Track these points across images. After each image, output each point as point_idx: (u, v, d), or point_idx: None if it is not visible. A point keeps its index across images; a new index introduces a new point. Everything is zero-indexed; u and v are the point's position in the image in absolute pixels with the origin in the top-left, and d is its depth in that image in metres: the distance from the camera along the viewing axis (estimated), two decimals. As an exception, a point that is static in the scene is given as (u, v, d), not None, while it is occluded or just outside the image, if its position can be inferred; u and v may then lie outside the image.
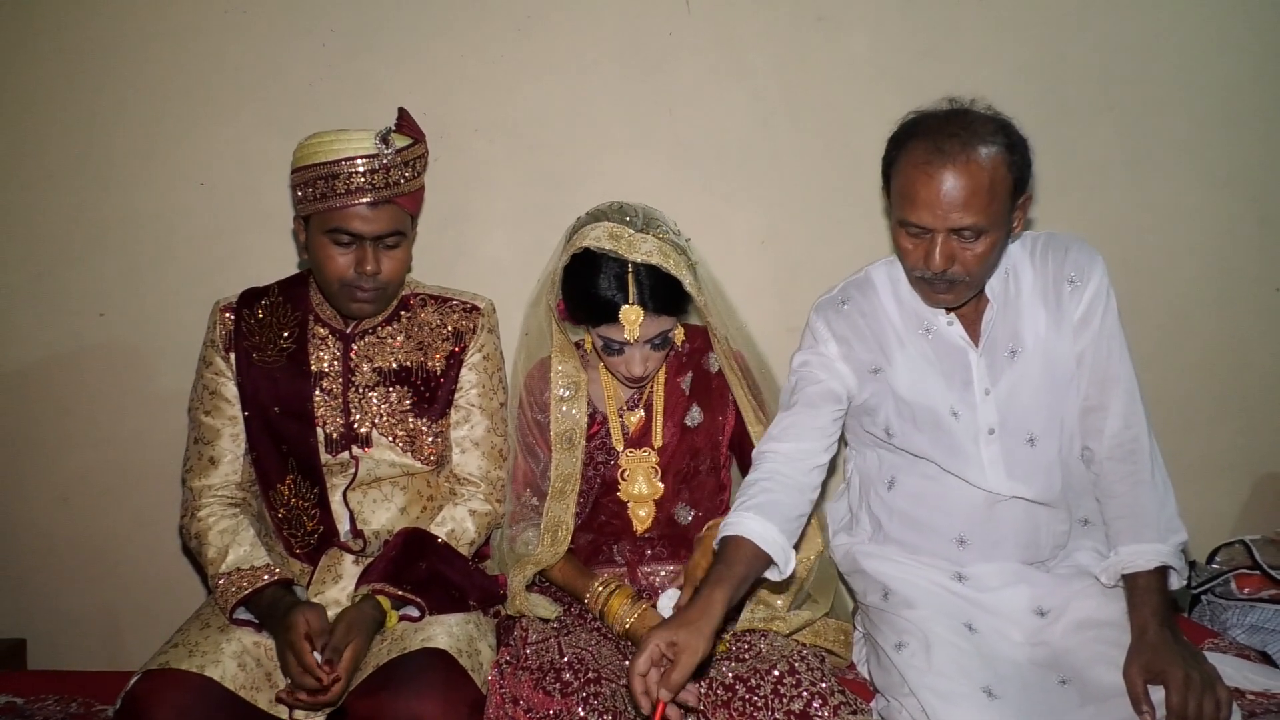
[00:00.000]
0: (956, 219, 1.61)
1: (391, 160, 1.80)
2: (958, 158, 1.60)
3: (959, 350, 1.80)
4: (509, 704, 1.71)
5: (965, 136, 1.62)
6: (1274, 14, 2.47)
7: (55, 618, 2.49)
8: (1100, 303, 1.78)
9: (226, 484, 1.90)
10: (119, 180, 2.38)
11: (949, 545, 1.83)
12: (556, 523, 1.94)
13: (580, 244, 1.83)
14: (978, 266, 1.66)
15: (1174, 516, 1.74)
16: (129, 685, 1.65)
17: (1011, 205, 1.66)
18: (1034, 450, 1.79)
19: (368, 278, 1.82)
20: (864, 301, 1.87)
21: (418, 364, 1.96)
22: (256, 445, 1.91)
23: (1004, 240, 1.69)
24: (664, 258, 1.80)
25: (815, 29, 2.40)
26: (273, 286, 1.99)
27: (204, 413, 1.92)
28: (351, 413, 1.91)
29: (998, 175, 1.62)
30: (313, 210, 1.81)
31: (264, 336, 1.93)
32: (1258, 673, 1.83)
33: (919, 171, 1.62)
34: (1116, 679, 1.63)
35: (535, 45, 2.39)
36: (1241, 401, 2.57)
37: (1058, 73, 2.45)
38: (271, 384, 1.90)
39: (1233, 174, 2.50)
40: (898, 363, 1.83)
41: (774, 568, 1.63)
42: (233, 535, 1.84)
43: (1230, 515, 2.58)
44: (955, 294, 1.72)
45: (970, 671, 1.64)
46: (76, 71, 2.36)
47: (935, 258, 1.64)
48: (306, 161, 1.81)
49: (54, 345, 2.43)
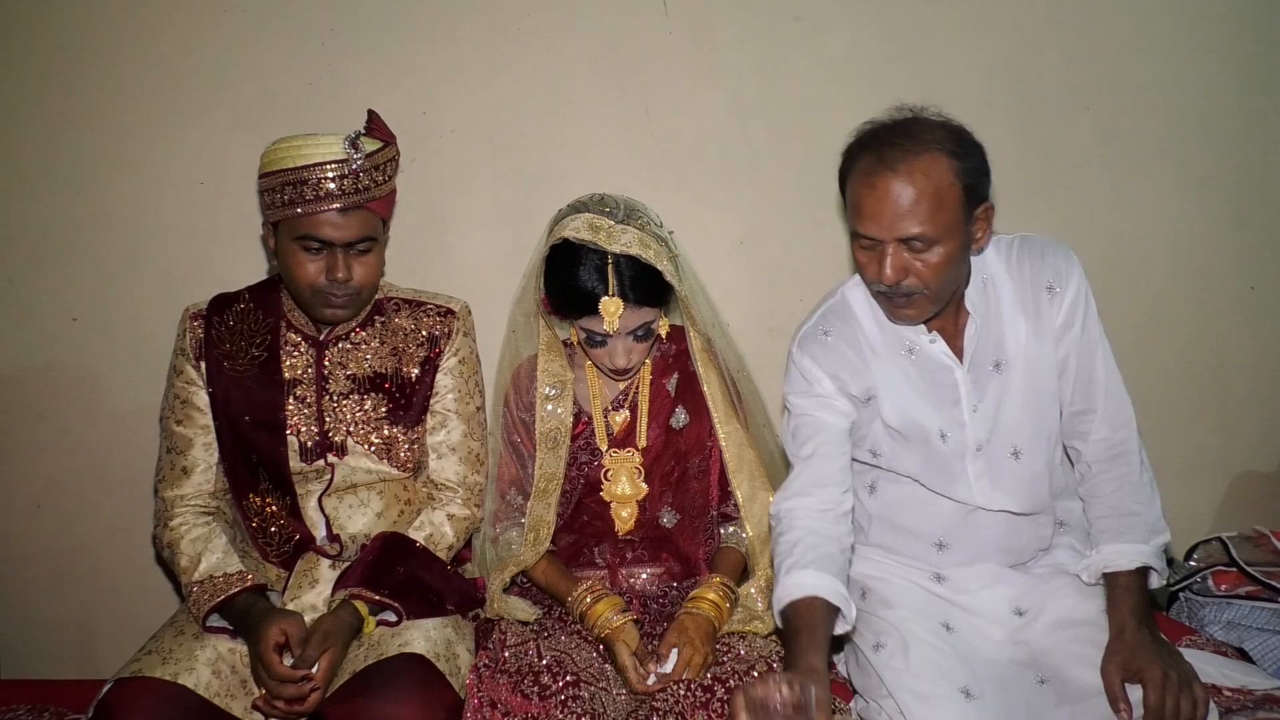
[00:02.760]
0: (903, 228, 1.57)
1: (361, 165, 1.76)
2: (899, 166, 1.57)
3: (944, 368, 1.76)
4: (487, 707, 1.70)
5: (908, 144, 1.59)
6: (1250, 16, 2.49)
7: (27, 626, 2.46)
8: (1080, 307, 1.76)
9: (199, 493, 1.88)
10: (91, 183, 2.36)
11: (929, 549, 1.83)
12: (539, 521, 1.93)
13: (560, 234, 1.82)
14: (934, 278, 1.61)
15: (1159, 518, 1.74)
16: (101, 693, 1.63)
17: (967, 214, 1.61)
18: (1019, 463, 1.77)
19: (339, 284, 1.80)
20: (845, 329, 1.81)
21: (392, 370, 1.94)
22: (228, 455, 1.88)
23: (961, 251, 1.63)
24: (644, 248, 1.79)
25: (792, 29, 2.40)
26: (243, 292, 1.96)
27: (175, 422, 1.90)
28: (326, 420, 1.89)
29: (944, 182, 1.58)
30: (281, 216, 1.78)
31: (235, 344, 1.89)
32: (1235, 669, 1.84)
33: (864, 183, 1.60)
34: (1094, 678, 1.63)
35: (513, 46, 2.38)
36: (1218, 400, 2.59)
37: (1035, 74, 2.46)
38: (243, 393, 1.87)
39: (1209, 175, 2.52)
40: (884, 388, 1.78)
41: (841, 619, 1.60)
42: (205, 543, 1.83)
43: (1207, 513, 2.60)
44: (916, 308, 1.66)
45: (948, 672, 1.64)
46: (46, 72, 2.33)
47: (887, 270, 1.60)
48: (274, 167, 1.77)
49: (25, 350, 2.40)
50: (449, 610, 1.86)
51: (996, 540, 1.80)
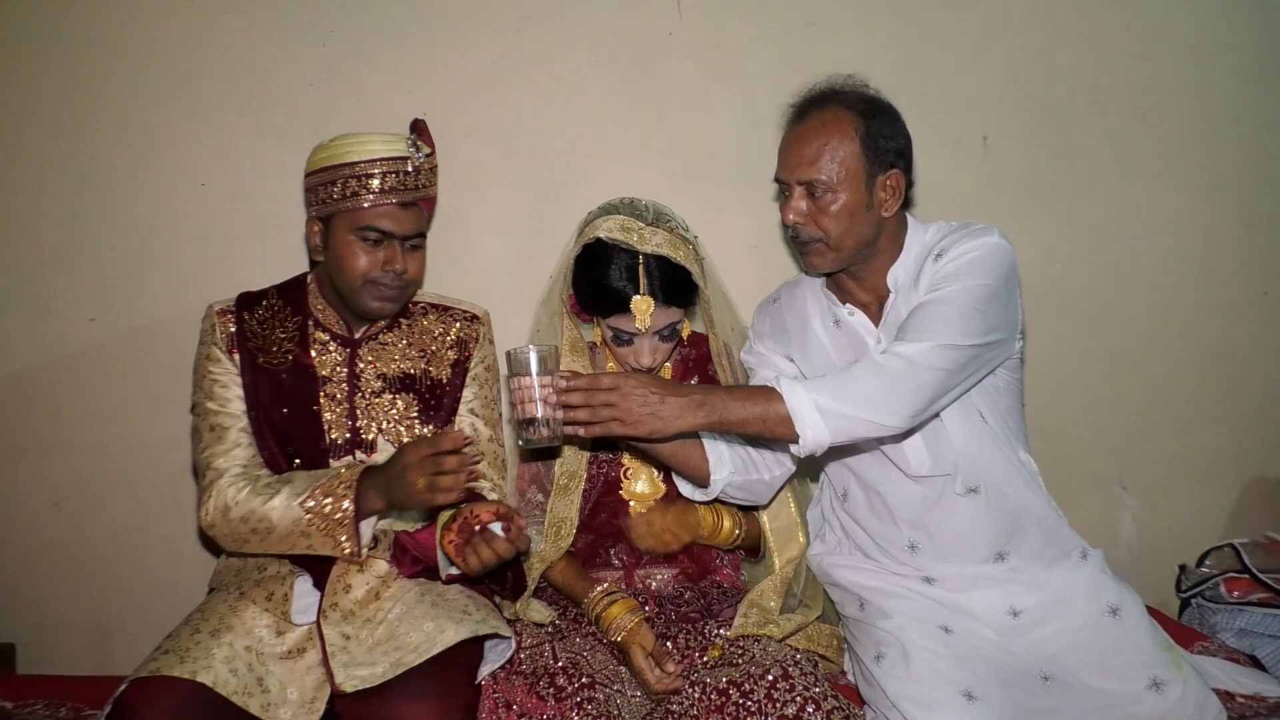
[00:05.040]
0: (802, 171, 1.74)
1: (421, 164, 1.85)
2: (808, 117, 1.78)
3: (860, 340, 1.84)
4: (502, 709, 1.71)
5: (817, 100, 1.79)
6: (1262, 21, 2.49)
7: (45, 622, 2.47)
8: (951, 270, 1.72)
9: (251, 463, 1.84)
10: (107, 185, 2.37)
11: (903, 552, 1.85)
12: (560, 519, 1.95)
13: (593, 234, 1.87)
14: (832, 227, 1.74)
15: (856, 395, 1.63)
16: (118, 692, 1.63)
17: (868, 173, 1.74)
18: (941, 421, 1.77)
19: (395, 276, 1.84)
20: (790, 299, 1.99)
21: (422, 371, 1.95)
22: (264, 446, 1.87)
23: (862, 210, 1.75)
24: (674, 249, 1.85)
25: (805, 34, 2.41)
26: (269, 290, 1.97)
27: (213, 408, 1.86)
28: (358, 418, 1.90)
29: (842, 132, 1.73)
30: (337, 209, 1.83)
31: (266, 339, 1.90)
32: (1247, 676, 1.85)
33: (784, 135, 1.82)
34: (1104, 681, 1.64)
35: (528, 50, 2.39)
36: (1230, 405, 2.59)
37: (1047, 79, 2.46)
38: (277, 386, 1.87)
39: (1221, 180, 2.52)
40: (809, 352, 1.90)
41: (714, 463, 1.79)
42: (280, 481, 1.78)
43: (1220, 519, 2.59)
44: (819, 256, 1.79)
45: (949, 676, 1.65)
46: (68, 76, 2.35)
47: (789, 213, 1.77)
48: (332, 162, 1.83)
49: (45, 350, 2.42)
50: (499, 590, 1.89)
51: (957, 531, 1.80)
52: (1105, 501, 2.58)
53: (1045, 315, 2.48)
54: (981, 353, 1.69)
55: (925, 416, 1.69)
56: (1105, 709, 1.68)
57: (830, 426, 1.61)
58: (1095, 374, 2.56)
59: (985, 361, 1.73)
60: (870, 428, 1.63)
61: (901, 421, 1.63)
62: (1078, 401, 2.56)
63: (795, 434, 1.61)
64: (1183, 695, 1.67)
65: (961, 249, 1.74)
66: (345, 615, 1.77)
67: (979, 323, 1.67)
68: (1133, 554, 2.57)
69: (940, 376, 1.64)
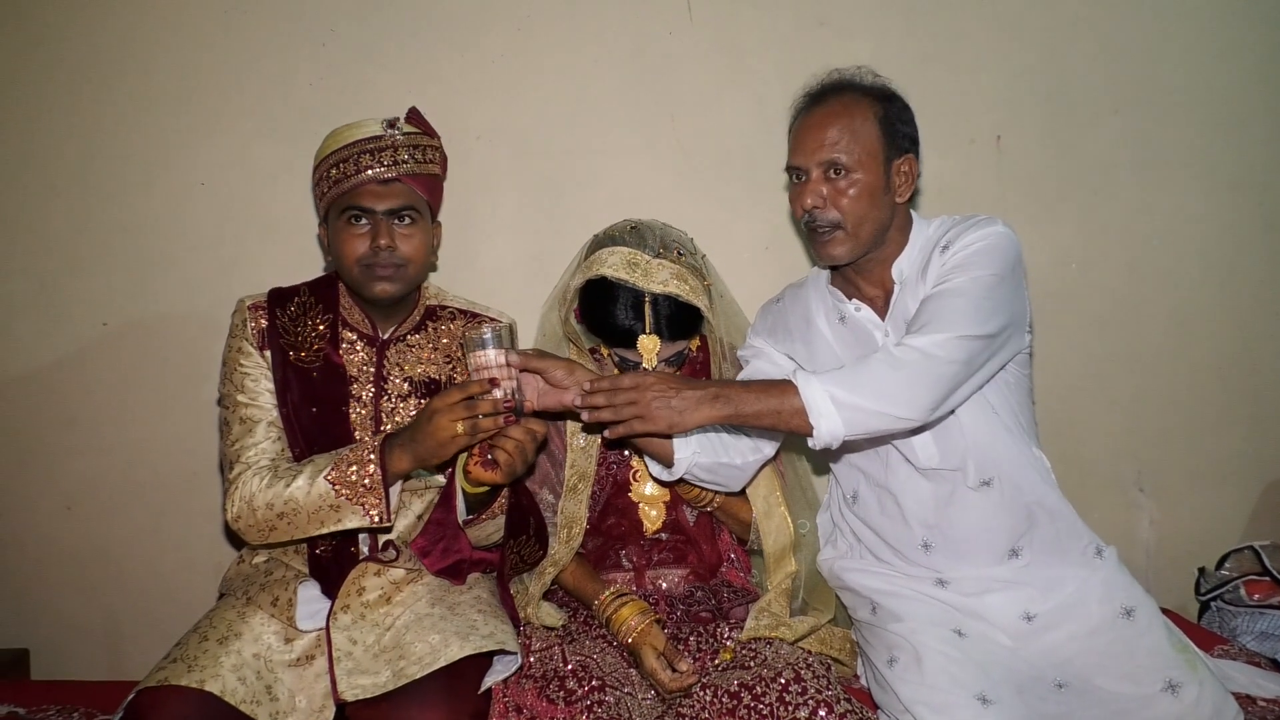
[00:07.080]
0: (823, 154, 1.74)
1: (399, 140, 1.86)
2: (824, 99, 1.80)
3: (867, 334, 1.83)
4: (513, 712, 1.70)
5: (833, 86, 1.81)
6: (1278, 17, 2.46)
7: (58, 627, 2.49)
8: (959, 261, 1.72)
9: (280, 457, 1.83)
10: (120, 190, 2.39)
11: (917, 552, 1.83)
12: (571, 519, 1.95)
13: (598, 271, 1.85)
14: (852, 208, 1.74)
15: (866, 386, 1.61)
16: (127, 700, 1.63)
17: (886, 157, 1.75)
18: (954, 417, 1.75)
19: (384, 252, 1.82)
20: (793, 299, 1.98)
21: (446, 376, 1.94)
22: (292, 445, 1.85)
23: (880, 192, 1.76)
24: (681, 284, 1.83)
25: (817, 35, 2.40)
26: (301, 287, 1.97)
27: (244, 400, 1.85)
28: (383, 420, 1.89)
29: (862, 115, 1.75)
30: (331, 198, 1.86)
31: (298, 335, 1.90)
32: (1269, 680, 1.82)
33: (797, 123, 1.82)
34: (1120, 685, 1.62)
35: (537, 51, 2.39)
36: (1249, 407, 2.56)
37: (1062, 77, 2.44)
38: (308, 384, 1.86)
39: (1238, 178, 2.50)
40: (814, 350, 1.89)
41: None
42: (301, 465, 1.77)
43: (1239, 521, 2.56)
44: (838, 244, 1.77)
45: (963, 680, 1.64)
46: (78, 81, 2.36)
47: (806, 197, 1.75)
48: (323, 155, 1.88)
49: (57, 354, 2.43)
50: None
51: (969, 528, 1.78)
52: (1123, 504, 2.55)
53: (1061, 315, 2.46)
54: (994, 342, 1.68)
55: (943, 411, 1.66)
56: (1120, 713, 1.66)
57: (845, 419, 1.59)
58: (1112, 375, 2.54)
59: (998, 352, 1.72)
60: (887, 420, 1.61)
61: (920, 414, 1.61)
62: (1094, 403, 2.53)
63: (810, 426, 1.60)
64: (1199, 697, 1.65)
65: (967, 240, 1.73)
66: (355, 618, 1.77)
67: (990, 312, 1.66)
68: (1150, 557, 2.54)
69: (956, 368, 1.62)
